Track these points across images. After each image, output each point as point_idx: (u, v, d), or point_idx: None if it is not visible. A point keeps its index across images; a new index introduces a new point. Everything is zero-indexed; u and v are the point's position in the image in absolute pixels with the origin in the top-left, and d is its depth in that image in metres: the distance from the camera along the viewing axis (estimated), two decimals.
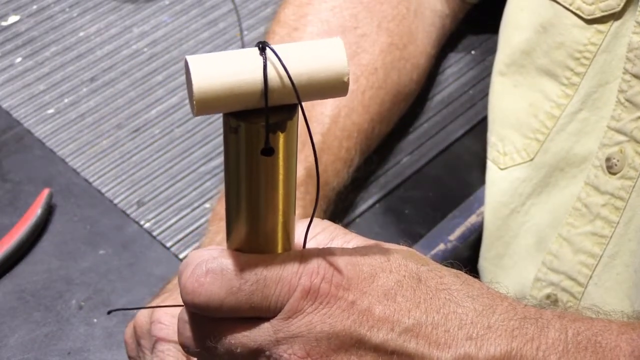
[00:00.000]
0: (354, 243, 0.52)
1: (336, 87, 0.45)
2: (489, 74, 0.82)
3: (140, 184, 0.89)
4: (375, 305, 0.48)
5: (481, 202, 0.85)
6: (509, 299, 0.51)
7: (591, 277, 0.71)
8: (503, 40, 0.79)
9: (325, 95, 0.45)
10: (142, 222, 0.86)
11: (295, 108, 0.45)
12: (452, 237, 0.84)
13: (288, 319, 0.47)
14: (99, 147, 0.92)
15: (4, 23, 1.04)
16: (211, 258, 0.48)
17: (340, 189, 0.83)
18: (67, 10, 1.05)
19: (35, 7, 1.06)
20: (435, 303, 0.49)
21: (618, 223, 0.70)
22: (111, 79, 0.98)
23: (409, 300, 0.48)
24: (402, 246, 0.53)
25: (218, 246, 0.50)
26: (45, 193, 0.85)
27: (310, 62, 0.44)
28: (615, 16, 0.70)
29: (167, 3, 1.07)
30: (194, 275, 0.48)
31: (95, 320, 0.79)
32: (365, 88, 0.85)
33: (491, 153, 0.79)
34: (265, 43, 0.44)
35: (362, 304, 0.48)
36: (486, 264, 0.79)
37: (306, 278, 0.47)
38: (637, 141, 0.68)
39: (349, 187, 0.85)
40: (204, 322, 0.49)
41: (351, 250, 0.50)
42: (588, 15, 0.71)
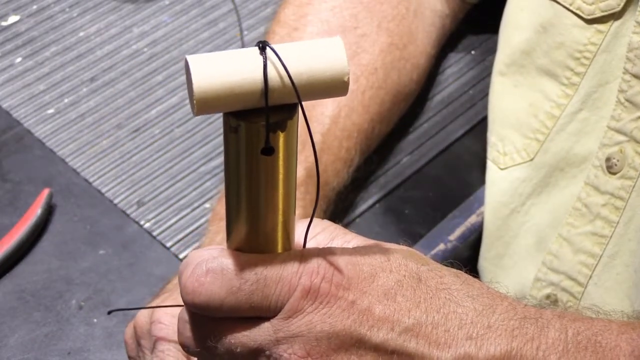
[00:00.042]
0: (354, 243, 0.52)
1: (336, 87, 0.45)
2: (489, 74, 0.82)
3: (140, 184, 0.89)
4: (375, 304, 0.48)
5: (481, 202, 0.85)
6: (509, 299, 0.51)
7: (591, 277, 0.71)
8: (503, 40, 0.79)
9: (325, 94, 0.45)
10: (142, 222, 0.86)
11: (295, 107, 0.45)
12: (452, 237, 0.84)
13: (288, 319, 0.47)
14: (99, 147, 0.92)
15: (4, 23, 1.04)
16: (211, 258, 0.48)
17: (340, 189, 0.83)
18: (67, 10, 1.05)
19: (35, 7, 1.06)
20: (435, 303, 0.49)
21: (618, 223, 0.70)
22: (111, 79, 0.98)
23: (409, 299, 0.48)
24: (402, 246, 0.53)
25: (218, 246, 0.50)
26: (45, 193, 0.85)
27: (310, 62, 0.44)
28: (615, 16, 0.70)
29: (167, 3, 1.07)
30: (194, 275, 0.48)
31: (95, 320, 0.79)
32: (365, 88, 0.85)
33: (491, 153, 0.79)
34: (265, 42, 0.44)
35: (362, 304, 0.48)
36: (486, 264, 0.79)
37: (306, 278, 0.47)
38: (637, 141, 0.68)
39: (349, 187, 0.85)
40: (204, 322, 0.49)
41: (351, 250, 0.50)
42: (588, 15, 0.71)
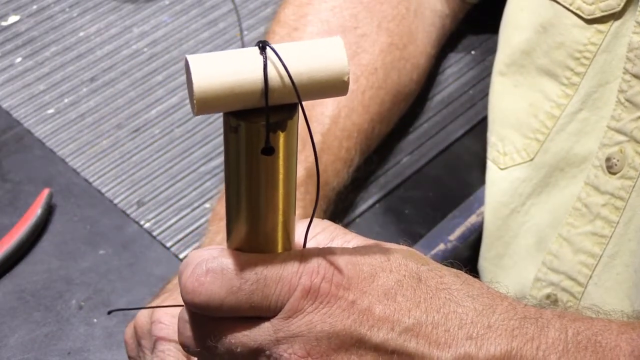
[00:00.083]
0: (354, 243, 0.52)
1: (336, 87, 0.45)
2: (489, 74, 0.82)
3: (140, 184, 0.89)
4: (375, 304, 0.48)
5: (481, 202, 0.85)
6: (509, 299, 0.51)
7: (591, 277, 0.71)
8: (503, 40, 0.79)
9: (325, 94, 0.45)
10: (142, 222, 0.86)
11: (295, 107, 0.45)
12: (452, 237, 0.84)
13: (288, 319, 0.47)
14: (99, 147, 0.92)
15: (4, 23, 1.04)
16: (211, 257, 0.48)
17: (340, 189, 0.83)
18: (67, 10, 1.05)
19: (35, 7, 1.06)
20: (435, 302, 0.49)
21: (618, 223, 0.70)
22: (111, 79, 0.98)
23: (409, 299, 0.48)
24: (402, 246, 0.53)
25: (218, 246, 0.50)
26: (45, 193, 0.85)
27: (310, 61, 0.44)
28: (615, 16, 0.70)
29: (167, 3, 1.07)
30: (194, 274, 0.48)
31: (95, 320, 0.79)
32: (365, 88, 0.85)
33: (491, 153, 0.79)
34: (265, 42, 0.44)
35: (363, 304, 0.48)
36: (486, 264, 0.79)
37: (306, 277, 0.47)
38: (637, 141, 0.68)
39: (349, 187, 0.85)
40: (204, 322, 0.49)
41: (351, 249, 0.50)
42: (588, 15, 0.71)
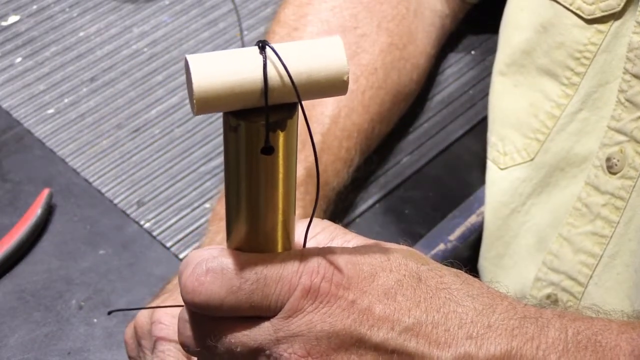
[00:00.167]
0: (354, 243, 0.52)
1: (336, 86, 0.45)
2: (489, 74, 0.82)
3: (140, 184, 0.89)
4: (375, 304, 0.48)
5: (481, 202, 0.85)
6: (509, 299, 0.51)
7: (591, 277, 0.71)
8: (503, 40, 0.79)
9: (325, 93, 0.45)
10: (142, 222, 0.86)
11: (295, 107, 0.45)
12: (452, 237, 0.84)
13: (288, 318, 0.47)
14: (99, 147, 0.92)
15: (4, 23, 1.04)
16: (211, 257, 0.48)
17: (340, 189, 0.83)
18: (67, 10, 1.05)
19: (35, 7, 1.06)
20: (435, 302, 0.49)
21: (618, 223, 0.70)
22: (111, 79, 0.98)
23: (409, 299, 0.48)
24: (402, 245, 0.53)
25: (218, 246, 0.50)
26: (45, 193, 0.85)
27: (310, 61, 0.44)
28: (615, 16, 0.70)
29: (167, 3, 1.07)
30: (194, 274, 0.48)
31: (95, 320, 0.79)
32: (365, 88, 0.85)
33: (491, 153, 0.79)
34: (265, 42, 0.44)
35: (363, 303, 0.48)
36: (486, 264, 0.79)
37: (306, 277, 0.47)
38: (637, 141, 0.68)
39: (349, 187, 0.85)
40: (204, 321, 0.49)
41: (351, 249, 0.50)
42: (588, 15, 0.71)
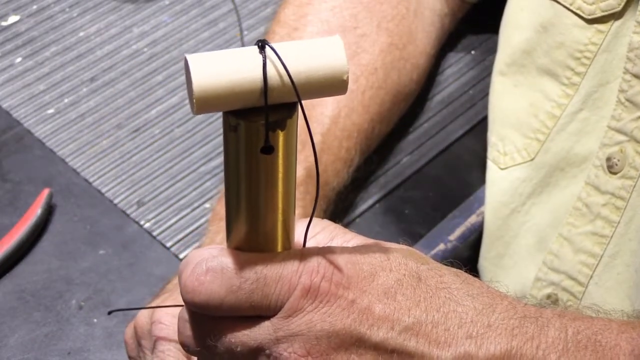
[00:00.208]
0: (354, 242, 0.52)
1: (335, 85, 0.45)
2: (489, 74, 0.82)
3: (140, 184, 0.89)
4: (375, 303, 0.48)
5: (481, 202, 0.85)
6: (509, 298, 0.51)
7: (592, 277, 0.71)
8: (503, 40, 0.79)
9: (324, 93, 0.45)
10: (142, 222, 0.86)
11: (294, 106, 0.45)
12: (452, 237, 0.84)
13: (288, 318, 0.47)
14: (99, 147, 0.92)
15: (4, 23, 1.04)
16: (211, 257, 0.48)
17: (340, 189, 0.83)
18: (67, 10, 1.05)
19: (35, 7, 1.06)
20: (435, 302, 0.49)
21: (618, 223, 0.70)
22: (111, 79, 0.98)
23: (409, 298, 0.48)
24: (402, 245, 0.53)
25: (218, 245, 0.50)
26: (45, 193, 0.85)
27: (309, 60, 0.44)
28: (615, 16, 0.70)
29: (167, 3, 1.07)
30: (194, 273, 0.48)
31: (95, 320, 0.79)
32: (365, 88, 0.85)
33: (491, 153, 0.79)
34: (264, 41, 0.44)
35: (362, 303, 0.48)
36: (486, 264, 0.79)
37: (306, 277, 0.47)
38: (638, 141, 0.68)
39: (349, 187, 0.85)
40: (204, 321, 0.49)
41: (351, 249, 0.50)
42: (588, 15, 0.71)
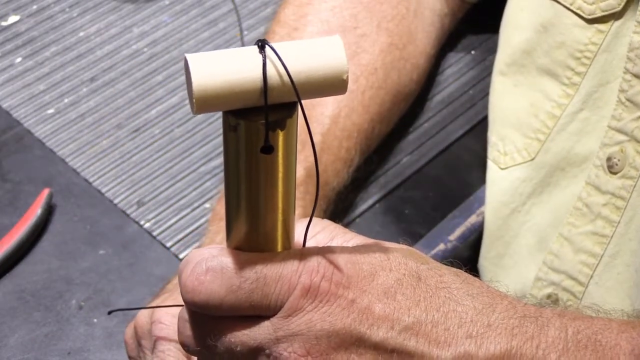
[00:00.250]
0: (354, 242, 0.52)
1: (335, 85, 0.45)
2: (489, 74, 0.82)
3: (140, 184, 0.89)
4: (375, 303, 0.48)
5: (481, 202, 0.85)
6: (509, 298, 0.51)
7: (592, 277, 0.71)
8: (503, 40, 0.79)
9: (324, 93, 0.45)
10: (142, 222, 0.86)
11: (294, 106, 0.45)
12: (452, 237, 0.84)
13: (288, 317, 0.47)
14: (99, 147, 0.92)
15: (4, 23, 1.04)
16: (211, 256, 0.48)
17: (340, 189, 0.83)
18: (67, 10, 1.05)
19: (35, 7, 1.06)
20: (435, 301, 0.49)
21: (619, 223, 0.70)
22: (111, 79, 0.98)
23: (409, 298, 0.48)
24: (402, 245, 0.53)
25: (218, 245, 0.50)
26: (45, 193, 0.85)
27: (309, 60, 0.44)
28: (615, 16, 0.70)
29: (167, 3, 1.07)
30: (194, 273, 0.48)
31: (95, 320, 0.79)
32: (365, 88, 0.85)
33: (492, 153, 0.79)
34: (264, 41, 0.44)
35: (362, 302, 0.48)
36: (486, 264, 0.79)
37: (306, 276, 0.47)
38: (638, 141, 0.68)
39: (349, 187, 0.85)
40: (204, 321, 0.49)
41: (351, 248, 0.50)
42: (589, 14, 0.71)
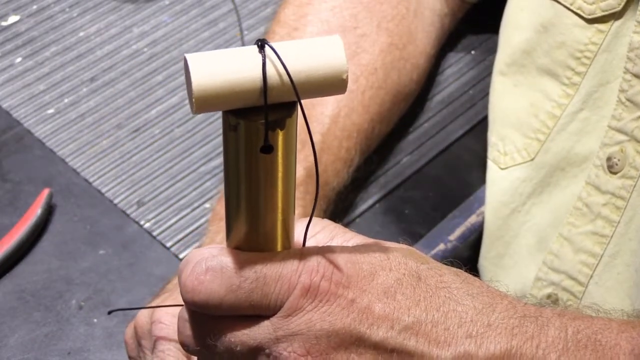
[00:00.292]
0: (354, 242, 0.52)
1: (335, 85, 0.45)
2: (489, 74, 0.82)
3: (140, 184, 0.89)
4: (375, 303, 0.48)
5: (481, 202, 0.85)
6: (509, 298, 0.51)
7: (592, 277, 0.71)
8: (503, 40, 0.79)
9: (324, 92, 0.45)
10: (142, 222, 0.86)
11: (294, 106, 0.45)
12: (452, 237, 0.84)
13: (288, 317, 0.47)
14: (99, 147, 0.92)
15: (4, 23, 1.04)
16: (211, 256, 0.48)
17: (340, 189, 0.83)
18: (67, 10, 1.05)
19: (35, 7, 1.06)
20: (435, 301, 0.49)
21: (619, 222, 0.70)
22: (111, 79, 0.98)
23: (409, 298, 0.48)
24: (402, 244, 0.53)
25: (218, 245, 0.50)
26: (45, 193, 0.85)
27: (309, 60, 0.44)
28: (615, 16, 0.70)
29: (167, 3, 1.07)
30: (194, 273, 0.48)
31: (95, 320, 0.79)
32: (365, 88, 0.85)
33: (492, 153, 0.79)
34: (264, 40, 0.44)
35: (362, 302, 0.48)
36: (486, 264, 0.79)
37: (306, 276, 0.47)
38: (638, 140, 0.68)
39: (349, 187, 0.85)
40: (204, 320, 0.49)
41: (351, 248, 0.50)
42: (589, 14, 0.71)
